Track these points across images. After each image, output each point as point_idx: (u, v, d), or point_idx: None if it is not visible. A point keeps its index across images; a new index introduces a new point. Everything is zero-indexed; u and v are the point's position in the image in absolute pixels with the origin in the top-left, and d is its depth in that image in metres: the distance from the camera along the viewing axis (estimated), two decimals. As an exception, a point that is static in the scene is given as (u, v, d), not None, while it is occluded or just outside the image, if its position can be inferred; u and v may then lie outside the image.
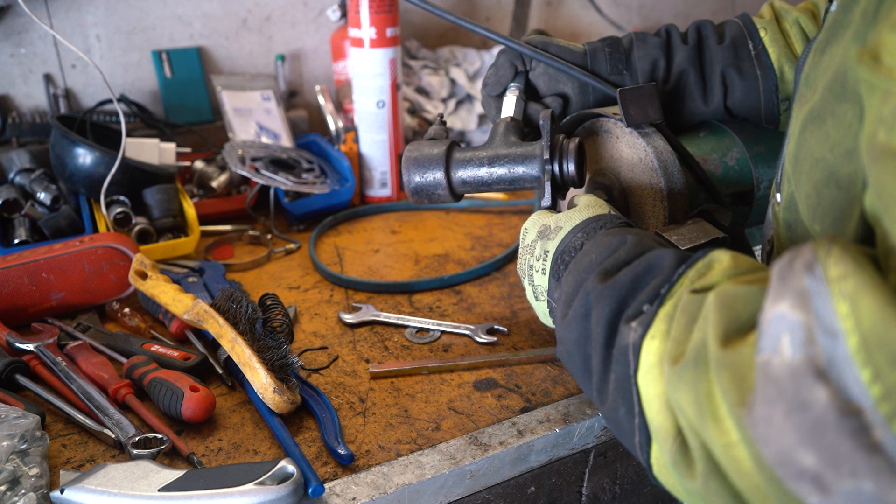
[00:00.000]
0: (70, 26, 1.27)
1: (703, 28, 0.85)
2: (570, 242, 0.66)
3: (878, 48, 0.39)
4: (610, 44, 0.85)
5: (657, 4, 1.84)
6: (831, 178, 0.48)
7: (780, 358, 0.38)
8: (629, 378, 0.52)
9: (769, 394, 0.39)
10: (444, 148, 0.82)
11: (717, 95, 0.84)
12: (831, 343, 0.36)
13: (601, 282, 0.56)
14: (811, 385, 0.37)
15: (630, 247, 0.58)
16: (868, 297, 0.35)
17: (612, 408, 0.54)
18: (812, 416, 0.37)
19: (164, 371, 0.77)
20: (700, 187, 0.82)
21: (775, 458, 0.39)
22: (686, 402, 0.45)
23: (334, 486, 0.66)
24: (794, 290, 0.39)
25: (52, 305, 0.91)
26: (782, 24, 0.84)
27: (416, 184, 0.84)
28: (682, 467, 0.47)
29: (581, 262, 0.62)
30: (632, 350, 0.51)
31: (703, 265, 0.52)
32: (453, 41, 1.55)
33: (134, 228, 1.05)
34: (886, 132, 0.37)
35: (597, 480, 0.84)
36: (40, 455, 0.64)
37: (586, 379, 0.58)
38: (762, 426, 0.39)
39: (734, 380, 0.41)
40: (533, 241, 0.71)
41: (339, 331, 0.91)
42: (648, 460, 0.52)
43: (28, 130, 1.22)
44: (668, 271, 0.53)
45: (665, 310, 0.51)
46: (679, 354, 0.47)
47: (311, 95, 1.48)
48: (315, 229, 1.15)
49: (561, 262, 0.66)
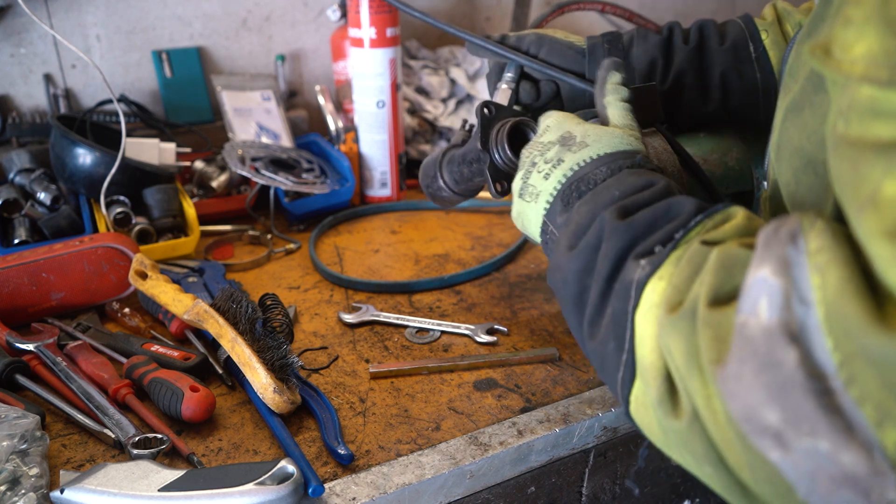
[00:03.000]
0: (70, 26, 1.27)
1: (706, 29, 0.85)
2: (590, 173, 0.62)
3: (828, 42, 0.41)
4: (610, 39, 0.86)
5: (657, 4, 1.84)
6: (809, 166, 0.49)
7: (757, 319, 0.40)
8: (626, 313, 0.52)
9: (743, 352, 0.41)
10: (441, 152, 0.86)
11: (716, 97, 0.84)
12: (804, 311, 0.38)
13: (619, 219, 0.55)
14: (783, 346, 0.39)
15: (656, 191, 0.57)
16: (835, 271, 0.37)
17: (601, 341, 0.54)
18: (781, 375, 0.39)
19: (164, 371, 0.77)
20: (700, 187, 0.82)
21: (741, 413, 0.41)
22: (676, 350, 0.46)
23: (334, 486, 0.66)
24: (777, 257, 0.41)
25: (52, 305, 0.91)
26: (784, 26, 0.83)
27: (427, 189, 0.90)
28: (667, 406, 0.48)
29: (601, 195, 0.59)
30: (635, 286, 0.51)
31: (720, 217, 0.52)
32: (453, 41, 1.55)
33: (134, 228, 1.05)
34: (844, 123, 0.39)
35: (597, 480, 0.84)
36: (40, 455, 0.64)
37: (577, 310, 0.58)
38: (732, 382, 0.41)
39: (715, 339, 0.43)
40: (551, 142, 0.67)
41: (339, 331, 0.91)
42: (628, 396, 0.53)
43: (28, 130, 1.22)
44: (685, 217, 0.53)
45: (676, 254, 0.51)
46: (677, 303, 0.48)
47: (311, 95, 1.48)
48: (315, 229, 1.15)
49: (575, 190, 0.63)
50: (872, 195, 0.36)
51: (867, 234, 0.36)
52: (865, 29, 0.38)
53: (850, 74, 0.39)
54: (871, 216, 0.36)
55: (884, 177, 0.35)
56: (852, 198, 0.38)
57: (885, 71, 0.36)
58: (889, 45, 0.37)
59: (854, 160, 0.38)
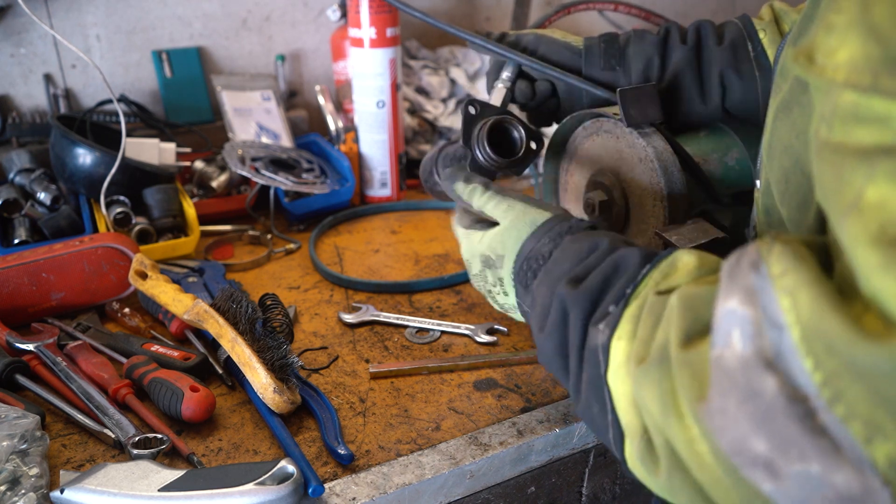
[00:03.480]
0: (70, 26, 1.27)
1: (703, 28, 0.85)
2: (534, 249, 0.65)
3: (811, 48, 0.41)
4: (606, 40, 0.86)
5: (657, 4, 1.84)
6: (797, 165, 0.50)
7: (732, 351, 0.40)
8: (600, 377, 0.53)
9: (723, 386, 0.41)
10: (437, 150, 0.86)
11: (715, 96, 0.84)
12: (777, 335, 0.38)
13: (573, 288, 0.57)
14: (761, 374, 0.39)
15: (601, 252, 0.59)
16: (805, 291, 0.38)
17: (586, 406, 0.56)
18: (763, 404, 0.39)
19: (164, 371, 0.77)
20: (700, 187, 0.82)
21: (730, 447, 0.41)
22: (651, 400, 0.46)
23: (334, 486, 0.66)
24: (742, 287, 0.41)
25: (52, 305, 0.91)
26: (781, 25, 0.84)
27: (425, 184, 0.91)
28: (648, 463, 0.49)
29: (553, 272, 0.61)
30: (601, 350, 0.53)
31: (666, 265, 0.53)
32: (453, 41, 1.55)
33: (134, 228, 1.05)
34: (827, 128, 0.39)
35: (597, 480, 0.84)
36: (40, 455, 0.64)
37: (565, 380, 0.59)
38: (718, 417, 0.41)
39: (693, 377, 0.43)
40: (480, 270, 0.71)
41: (339, 331, 0.91)
42: (623, 454, 0.53)
43: (28, 130, 1.22)
44: (633, 271, 0.54)
45: (630, 310, 0.52)
46: (645, 355, 0.48)
47: (311, 95, 1.48)
48: (315, 229, 1.15)
49: (527, 269, 0.65)
50: (855, 201, 0.36)
51: (851, 241, 0.36)
52: (847, 35, 0.38)
53: (833, 80, 0.39)
54: (854, 222, 0.36)
55: (866, 182, 0.35)
56: (836, 203, 0.38)
57: (867, 76, 0.37)
58: (870, 51, 0.37)
59: (837, 165, 0.38)
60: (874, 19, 0.37)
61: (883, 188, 0.34)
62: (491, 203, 0.71)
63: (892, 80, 0.35)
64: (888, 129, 0.35)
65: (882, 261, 0.34)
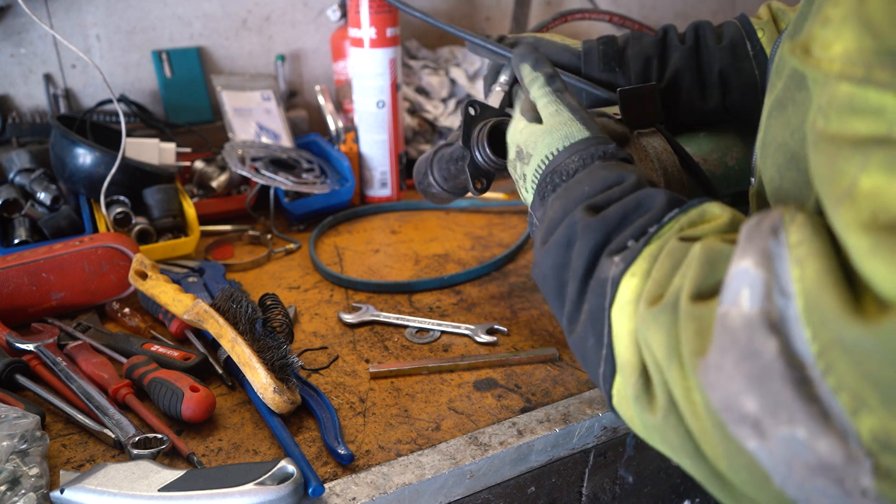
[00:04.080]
0: (70, 26, 1.27)
1: (701, 28, 0.85)
2: (561, 164, 0.63)
3: (808, 41, 0.42)
4: (605, 41, 0.86)
5: (657, 4, 1.84)
6: (792, 161, 0.50)
7: (738, 309, 0.41)
8: (603, 310, 0.52)
9: (723, 343, 0.41)
10: (433, 150, 0.86)
11: (715, 95, 0.84)
12: (785, 303, 0.39)
13: (590, 215, 0.56)
14: (764, 336, 0.39)
15: (627, 186, 0.57)
16: (813, 263, 0.38)
17: (581, 337, 0.55)
18: (760, 364, 0.39)
19: (164, 371, 0.77)
20: (700, 187, 0.82)
21: (721, 402, 0.42)
22: (657, 342, 0.46)
23: (334, 486, 0.66)
24: (759, 249, 0.41)
25: (52, 305, 0.91)
26: (779, 24, 0.84)
27: (419, 186, 0.90)
28: (643, 402, 0.49)
29: (572, 190, 0.60)
30: (610, 283, 0.52)
31: (696, 213, 0.52)
32: (453, 41, 1.55)
33: (134, 228, 1.05)
34: (823, 119, 0.40)
35: (597, 480, 0.84)
36: (40, 455, 0.64)
37: (559, 305, 0.58)
38: (713, 373, 0.42)
39: (697, 332, 0.44)
40: (514, 158, 0.70)
41: (339, 331, 0.91)
42: (610, 391, 0.53)
43: (28, 130, 1.22)
44: (658, 212, 0.53)
45: (650, 249, 0.51)
46: (658, 297, 0.48)
47: (311, 95, 1.48)
48: (315, 229, 1.15)
49: (549, 183, 0.64)
50: (849, 189, 0.37)
51: (844, 227, 0.37)
52: (843, 28, 0.39)
53: (829, 72, 0.40)
54: (848, 209, 0.37)
55: (860, 171, 0.36)
56: (830, 191, 0.39)
57: (861, 69, 0.38)
58: (865, 43, 0.38)
59: (832, 155, 0.39)
60: (868, 12, 0.38)
61: (876, 177, 0.36)
62: (544, 100, 0.69)
63: (885, 73, 0.36)
64: (883, 121, 0.36)
65: (872, 245, 0.35)
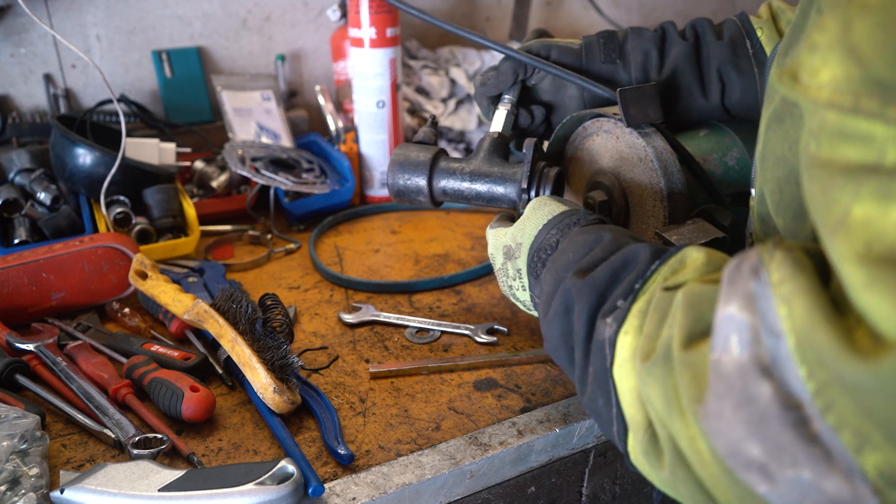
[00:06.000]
0: (70, 26, 1.27)
1: (700, 25, 0.85)
2: (544, 240, 0.67)
3: (796, 68, 0.42)
4: (605, 36, 0.87)
5: (657, 4, 1.84)
6: (791, 175, 0.50)
7: (730, 356, 0.41)
8: (606, 371, 0.53)
9: (719, 390, 0.41)
10: (431, 156, 0.84)
11: (715, 92, 0.84)
12: (775, 342, 0.39)
13: (580, 278, 0.58)
14: (757, 381, 0.39)
15: (606, 244, 0.59)
16: (800, 300, 0.38)
17: (591, 398, 0.56)
18: (757, 410, 0.39)
19: (164, 371, 0.77)
20: (700, 187, 0.82)
21: (726, 449, 0.42)
22: (655, 396, 0.47)
23: (334, 486, 0.66)
24: (742, 293, 0.41)
25: (52, 305, 0.91)
26: (779, 24, 0.84)
27: (399, 187, 0.86)
28: (652, 457, 0.49)
29: (559, 260, 0.63)
30: (608, 344, 0.53)
31: (675, 261, 0.53)
32: (453, 41, 1.55)
33: (134, 228, 1.05)
34: (815, 144, 0.39)
35: (597, 480, 0.84)
36: (40, 455, 0.64)
37: (571, 370, 0.60)
38: (714, 420, 0.42)
39: (693, 378, 0.44)
40: (503, 263, 0.74)
41: (339, 331, 0.91)
42: (626, 448, 0.54)
43: (28, 130, 1.22)
44: (642, 266, 0.55)
45: (638, 305, 0.52)
46: (650, 351, 0.49)
47: (311, 95, 1.48)
48: (315, 229, 1.15)
49: (538, 260, 0.67)
50: (842, 218, 0.36)
51: (839, 258, 0.36)
52: (829, 55, 0.39)
53: (818, 100, 0.39)
54: (842, 240, 0.36)
55: (853, 200, 0.36)
56: (825, 220, 0.39)
57: (849, 98, 0.37)
58: (851, 71, 0.37)
59: (824, 182, 0.38)
60: (853, 41, 0.37)
61: (868, 207, 0.35)
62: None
63: (873, 102, 0.36)
64: (873, 148, 0.36)
65: (867, 278, 0.34)
